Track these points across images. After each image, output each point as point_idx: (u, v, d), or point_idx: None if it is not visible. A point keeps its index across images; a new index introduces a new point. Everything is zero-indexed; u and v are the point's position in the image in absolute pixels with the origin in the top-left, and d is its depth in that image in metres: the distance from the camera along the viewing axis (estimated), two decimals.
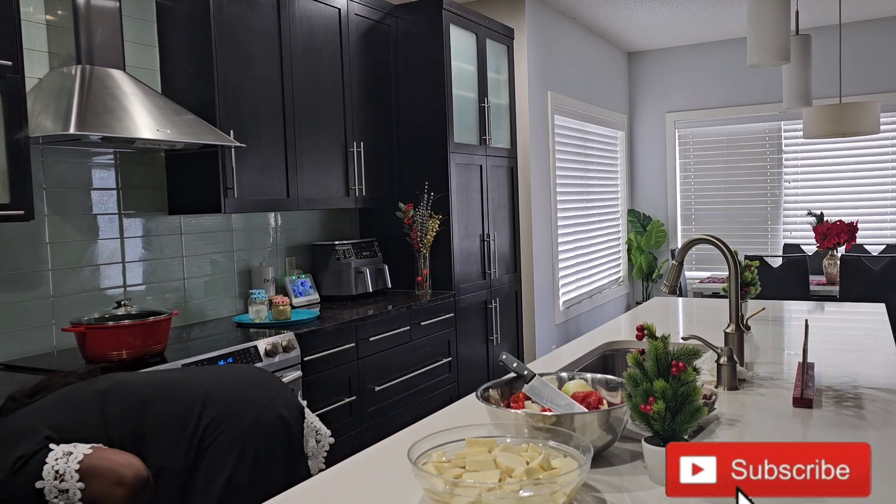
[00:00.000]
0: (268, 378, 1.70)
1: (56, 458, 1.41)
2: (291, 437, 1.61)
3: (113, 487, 1.40)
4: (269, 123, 3.16)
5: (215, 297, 3.30)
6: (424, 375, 3.69)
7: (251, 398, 1.59)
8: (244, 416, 1.54)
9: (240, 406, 1.56)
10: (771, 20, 2.33)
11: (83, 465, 1.41)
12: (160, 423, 1.51)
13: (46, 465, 1.40)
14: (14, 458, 1.41)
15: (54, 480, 1.39)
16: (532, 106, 5.14)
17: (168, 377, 1.67)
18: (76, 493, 1.39)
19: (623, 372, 1.28)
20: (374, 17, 3.84)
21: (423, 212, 3.89)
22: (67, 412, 1.52)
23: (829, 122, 4.35)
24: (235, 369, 1.70)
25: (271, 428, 1.57)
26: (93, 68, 2.54)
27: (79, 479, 1.40)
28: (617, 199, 6.97)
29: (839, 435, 1.40)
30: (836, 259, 5.06)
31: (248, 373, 1.71)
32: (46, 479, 1.39)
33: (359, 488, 1.23)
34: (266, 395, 1.62)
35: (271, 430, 1.57)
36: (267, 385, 1.66)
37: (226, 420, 1.52)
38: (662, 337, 1.22)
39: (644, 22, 5.98)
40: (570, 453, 1.14)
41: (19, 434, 1.46)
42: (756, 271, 2.38)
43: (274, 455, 1.55)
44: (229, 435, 1.50)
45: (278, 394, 1.64)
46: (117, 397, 1.55)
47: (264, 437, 1.55)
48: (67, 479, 1.39)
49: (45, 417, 1.50)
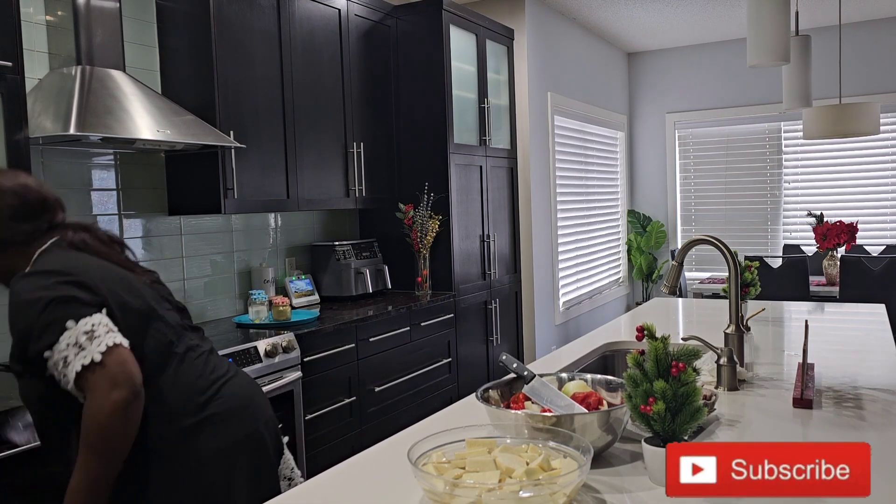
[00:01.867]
0: (264, 399, 1.67)
1: (101, 322, 1.35)
2: (272, 464, 1.59)
3: (110, 386, 1.31)
4: (269, 124, 3.16)
5: (215, 298, 3.30)
6: (424, 376, 3.69)
7: (252, 412, 1.58)
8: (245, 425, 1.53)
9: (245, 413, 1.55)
10: (771, 21, 2.33)
11: (116, 349, 1.34)
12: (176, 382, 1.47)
13: (84, 319, 1.34)
14: (69, 294, 1.36)
15: (81, 334, 1.32)
16: (532, 106, 5.14)
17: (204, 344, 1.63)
18: (84, 360, 1.31)
19: (623, 372, 1.28)
20: (374, 17, 3.84)
21: (423, 212, 3.89)
22: (119, 300, 1.44)
23: (829, 123, 4.35)
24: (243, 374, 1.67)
25: (261, 447, 1.56)
26: (93, 69, 2.54)
27: (103, 352, 1.32)
28: (617, 199, 6.97)
29: (839, 435, 1.40)
30: (835, 260, 5.06)
31: (252, 384, 1.67)
32: (78, 327, 1.33)
33: (359, 489, 1.23)
34: (263, 414, 1.61)
35: (261, 448, 1.55)
36: (263, 406, 1.64)
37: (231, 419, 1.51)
38: (662, 337, 1.22)
39: (644, 22, 5.98)
40: (570, 454, 1.14)
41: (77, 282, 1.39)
42: (756, 272, 2.38)
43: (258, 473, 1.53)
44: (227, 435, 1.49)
45: (271, 420, 1.63)
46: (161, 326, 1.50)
47: (255, 452, 1.53)
48: (93, 344, 1.32)
49: (103, 281, 1.44)
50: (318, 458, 2.97)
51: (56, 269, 1.42)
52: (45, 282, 1.39)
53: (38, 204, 1.53)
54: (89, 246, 1.54)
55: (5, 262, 1.49)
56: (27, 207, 1.51)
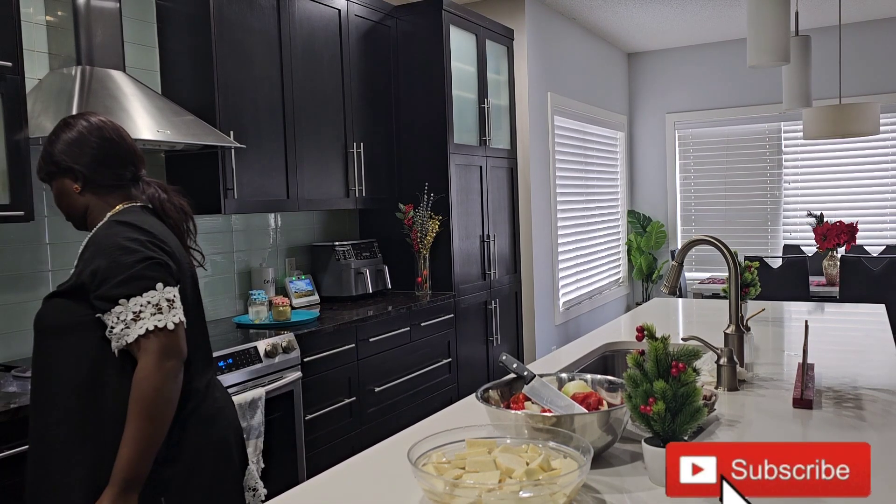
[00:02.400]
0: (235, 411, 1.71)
1: (174, 294, 1.41)
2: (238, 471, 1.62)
3: (162, 353, 1.36)
4: (269, 124, 3.16)
5: (215, 298, 3.30)
6: (424, 376, 3.69)
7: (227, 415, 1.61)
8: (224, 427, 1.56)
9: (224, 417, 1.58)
10: (771, 21, 2.33)
11: (181, 324, 1.41)
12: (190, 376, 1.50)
13: (169, 287, 1.40)
14: (164, 260, 1.42)
15: (164, 300, 1.38)
16: (532, 107, 5.15)
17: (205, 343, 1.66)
18: (147, 325, 1.35)
19: (623, 373, 1.28)
20: (374, 18, 3.85)
21: (423, 213, 3.89)
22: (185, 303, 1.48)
23: (828, 123, 4.35)
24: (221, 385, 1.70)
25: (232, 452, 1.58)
26: (93, 69, 2.54)
27: (176, 323, 1.39)
28: (617, 199, 6.97)
29: (839, 435, 1.40)
30: (835, 260, 5.06)
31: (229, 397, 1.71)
32: (164, 292, 1.39)
33: (359, 489, 1.23)
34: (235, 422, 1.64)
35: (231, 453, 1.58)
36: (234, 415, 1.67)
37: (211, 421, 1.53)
38: (662, 338, 1.22)
39: (644, 23, 5.98)
40: (570, 454, 1.14)
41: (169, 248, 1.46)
42: (756, 272, 2.38)
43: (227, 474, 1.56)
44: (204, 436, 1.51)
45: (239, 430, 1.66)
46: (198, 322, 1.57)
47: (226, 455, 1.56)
48: (171, 313, 1.38)
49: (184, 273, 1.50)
50: (318, 459, 2.97)
51: (155, 233, 1.46)
52: (145, 238, 1.43)
53: (127, 153, 1.57)
54: (168, 214, 1.58)
55: (80, 202, 1.53)
56: (118, 152, 1.55)
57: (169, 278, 1.42)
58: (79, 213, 1.55)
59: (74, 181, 1.52)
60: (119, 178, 1.55)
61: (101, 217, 1.52)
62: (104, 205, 1.53)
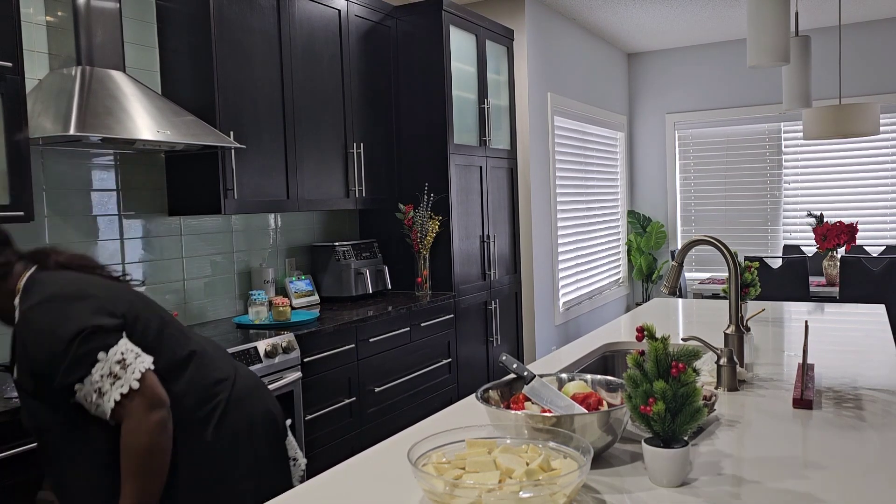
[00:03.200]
0: (266, 387, 1.74)
1: (128, 349, 1.36)
2: (283, 443, 1.67)
3: (146, 409, 1.34)
4: (269, 124, 3.16)
5: (215, 299, 3.30)
6: (424, 376, 3.69)
7: (261, 395, 1.65)
8: (251, 412, 1.59)
9: (252, 401, 1.61)
10: (771, 21, 2.33)
11: (146, 373, 1.36)
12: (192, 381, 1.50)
13: (116, 346, 1.35)
14: (92, 324, 1.34)
15: (114, 364, 1.33)
16: (532, 107, 5.15)
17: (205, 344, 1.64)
18: (121, 388, 1.32)
19: (623, 373, 1.28)
20: (374, 18, 3.85)
21: (423, 213, 3.89)
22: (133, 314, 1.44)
23: (828, 123, 4.35)
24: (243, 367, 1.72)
25: (273, 428, 1.63)
26: (93, 69, 2.54)
27: (137, 379, 1.34)
28: (617, 200, 6.97)
29: (839, 436, 1.40)
30: (835, 260, 5.06)
31: (254, 374, 1.74)
32: (109, 357, 1.33)
33: (359, 489, 1.23)
34: (267, 401, 1.67)
35: (272, 429, 1.63)
36: (267, 393, 1.70)
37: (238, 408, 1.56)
38: (662, 338, 1.22)
39: (644, 23, 5.98)
40: (570, 454, 1.14)
41: (90, 297, 1.38)
42: (756, 272, 2.38)
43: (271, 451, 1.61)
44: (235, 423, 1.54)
45: (275, 404, 1.69)
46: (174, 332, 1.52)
47: (268, 433, 1.61)
48: (128, 373, 1.33)
49: (115, 303, 1.42)
50: (319, 459, 2.97)
51: (69, 293, 1.39)
52: (63, 311, 1.35)
53: (2, 235, 1.50)
54: (77, 265, 1.51)
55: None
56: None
57: (108, 339, 1.35)
58: None
59: None
60: (6, 263, 1.47)
61: (11, 307, 1.45)
62: (5, 295, 1.46)
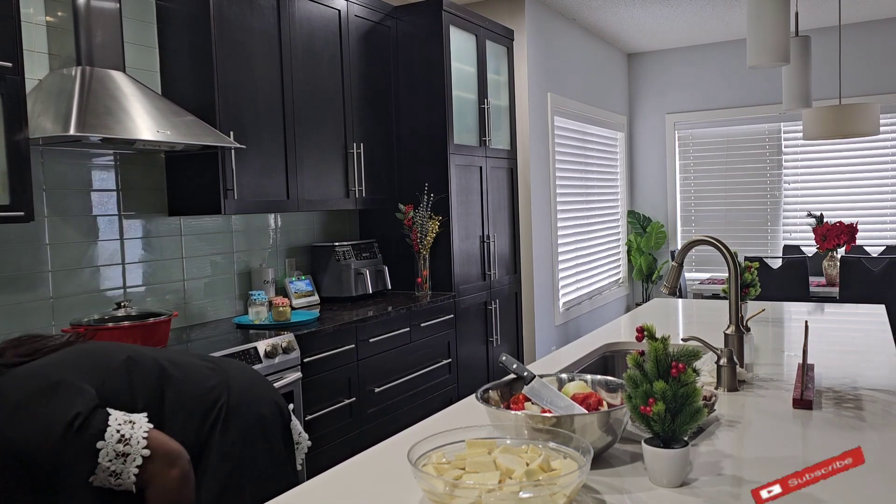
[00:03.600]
0: (264, 378, 1.76)
1: (118, 420, 1.32)
2: (287, 433, 1.69)
3: (167, 468, 1.33)
4: (269, 125, 3.16)
5: (215, 299, 3.30)
6: (424, 377, 3.69)
7: (259, 392, 1.66)
8: (255, 407, 1.61)
9: (252, 396, 1.62)
10: (770, 21, 2.33)
11: (149, 433, 1.34)
12: (183, 400, 1.51)
13: (109, 428, 1.31)
14: (71, 414, 1.28)
15: (117, 444, 1.29)
16: (532, 107, 5.15)
17: (181, 356, 1.64)
18: (136, 461, 1.30)
19: (623, 373, 1.28)
20: (374, 18, 3.85)
21: (423, 213, 3.89)
22: (100, 376, 1.40)
23: (828, 124, 4.35)
24: (239, 363, 1.74)
25: (274, 422, 1.65)
26: (93, 69, 2.54)
27: (145, 446, 1.32)
28: (617, 200, 6.97)
29: (839, 436, 1.40)
30: (835, 260, 5.06)
31: (251, 368, 1.76)
32: (108, 441, 1.29)
33: (359, 490, 1.23)
34: (269, 392, 1.69)
35: (274, 423, 1.65)
36: (265, 384, 1.72)
37: (242, 407, 1.58)
38: (662, 338, 1.22)
39: (644, 23, 5.98)
40: (570, 455, 1.14)
41: (58, 385, 1.32)
42: (756, 272, 2.38)
43: (275, 447, 1.63)
44: (242, 422, 1.56)
45: (275, 393, 1.72)
46: (142, 367, 1.49)
47: (269, 428, 1.62)
48: (133, 445, 1.30)
49: (78, 374, 1.37)
50: (318, 459, 2.97)
51: (33, 392, 1.32)
52: (38, 413, 1.29)
53: None
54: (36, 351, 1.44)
55: None
56: None
57: (95, 421, 1.30)
58: None
59: None
60: None
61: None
62: None
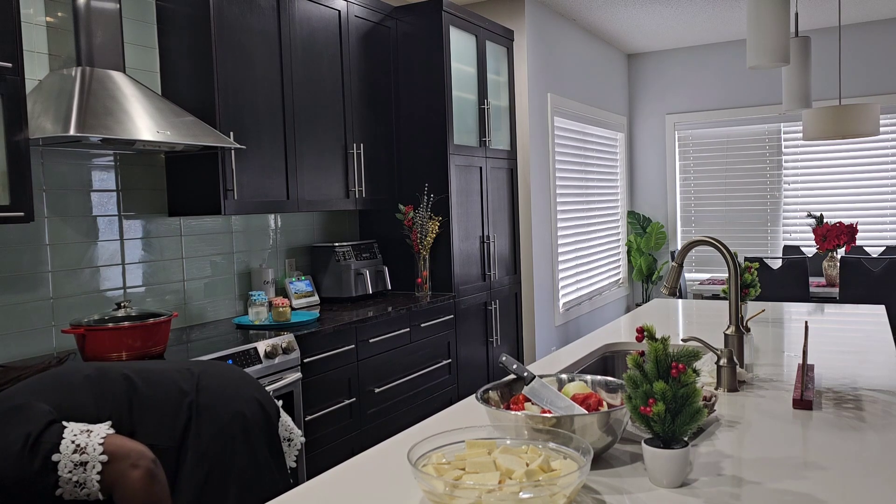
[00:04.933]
0: (247, 376, 1.75)
1: (74, 433, 1.35)
2: (271, 430, 1.68)
3: (129, 469, 1.34)
4: (269, 125, 3.16)
5: (215, 299, 3.30)
6: (424, 377, 3.69)
7: (236, 390, 1.65)
8: (231, 405, 1.60)
9: (227, 395, 1.62)
10: (770, 22, 2.33)
11: (106, 439, 1.36)
12: (151, 404, 1.52)
13: (64, 440, 1.33)
14: (24, 434, 1.31)
15: (73, 454, 1.32)
16: (532, 108, 5.15)
17: (150, 364, 1.66)
18: (95, 468, 1.32)
19: (623, 374, 1.28)
20: (374, 18, 3.85)
21: (423, 213, 3.89)
22: (61, 393, 1.44)
23: (828, 124, 4.35)
24: (218, 364, 1.73)
25: (255, 420, 1.64)
26: (93, 70, 2.54)
27: (102, 451, 1.34)
28: (617, 200, 6.97)
29: (839, 436, 1.40)
30: (835, 261, 5.06)
31: (231, 368, 1.75)
32: (64, 452, 1.32)
33: (358, 490, 1.23)
34: (248, 390, 1.68)
35: (255, 421, 1.63)
36: (248, 381, 1.71)
37: (216, 407, 1.57)
38: (662, 338, 1.22)
39: (644, 24, 5.98)
40: (570, 455, 1.14)
41: (14, 409, 1.36)
42: (756, 273, 2.38)
43: (256, 445, 1.61)
44: (217, 421, 1.56)
45: (258, 391, 1.71)
46: (107, 379, 1.52)
47: (248, 427, 1.61)
48: (90, 453, 1.32)
49: (37, 395, 1.42)
50: (318, 460, 2.97)
51: None
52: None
53: None
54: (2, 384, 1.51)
55: None
56: None
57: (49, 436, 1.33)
58: None
59: None
60: None
61: None
62: None
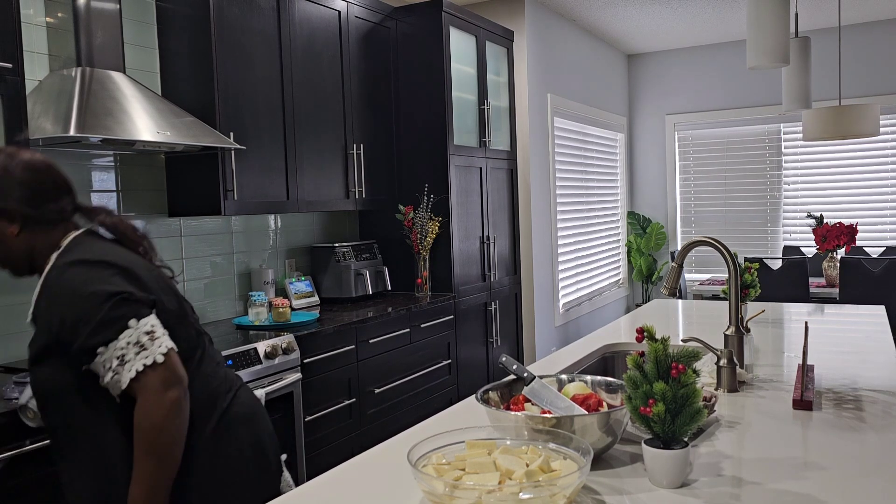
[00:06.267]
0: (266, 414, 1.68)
1: (151, 324, 1.33)
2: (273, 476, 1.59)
3: (165, 388, 1.30)
4: (269, 126, 3.16)
5: (215, 300, 3.30)
6: (424, 377, 3.69)
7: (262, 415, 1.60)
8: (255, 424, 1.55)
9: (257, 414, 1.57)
10: (770, 22, 2.34)
11: (171, 350, 1.33)
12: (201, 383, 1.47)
13: (144, 319, 1.32)
14: (129, 291, 1.32)
15: (143, 334, 1.30)
16: (532, 108, 5.15)
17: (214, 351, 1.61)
18: (146, 359, 1.29)
19: (623, 374, 1.28)
20: (374, 19, 3.85)
21: (423, 214, 3.89)
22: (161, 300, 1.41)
23: (828, 124, 4.35)
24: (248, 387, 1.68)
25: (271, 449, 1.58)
26: (93, 70, 2.54)
27: (165, 353, 1.31)
28: (617, 201, 6.97)
29: (839, 437, 1.40)
30: (835, 261, 5.06)
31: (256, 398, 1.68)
32: (140, 326, 1.30)
33: (358, 490, 1.23)
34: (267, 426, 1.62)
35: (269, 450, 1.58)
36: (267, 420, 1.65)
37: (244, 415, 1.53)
38: (662, 339, 1.22)
39: (644, 24, 5.98)
40: (570, 455, 1.14)
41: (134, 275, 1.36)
42: (756, 273, 2.38)
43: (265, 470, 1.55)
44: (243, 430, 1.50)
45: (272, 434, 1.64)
46: (192, 318, 1.50)
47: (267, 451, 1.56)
48: (155, 345, 1.30)
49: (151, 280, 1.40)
50: (318, 460, 2.97)
51: (108, 261, 1.35)
52: (101, 273, 1.33)
53: (63, 183, 1.45)
54: (124, 235, 1.48)
55: (24, 242, 1.40)
56: (53, 185, 1.42)
57: (141, 309, 1.33)
58: (20, 260, 1.41)
59: (10, 223, 1.38)
60: (60, 210, 1.42)
61: (48, 258, 1.40)
62: (48, 244, 1.40)
